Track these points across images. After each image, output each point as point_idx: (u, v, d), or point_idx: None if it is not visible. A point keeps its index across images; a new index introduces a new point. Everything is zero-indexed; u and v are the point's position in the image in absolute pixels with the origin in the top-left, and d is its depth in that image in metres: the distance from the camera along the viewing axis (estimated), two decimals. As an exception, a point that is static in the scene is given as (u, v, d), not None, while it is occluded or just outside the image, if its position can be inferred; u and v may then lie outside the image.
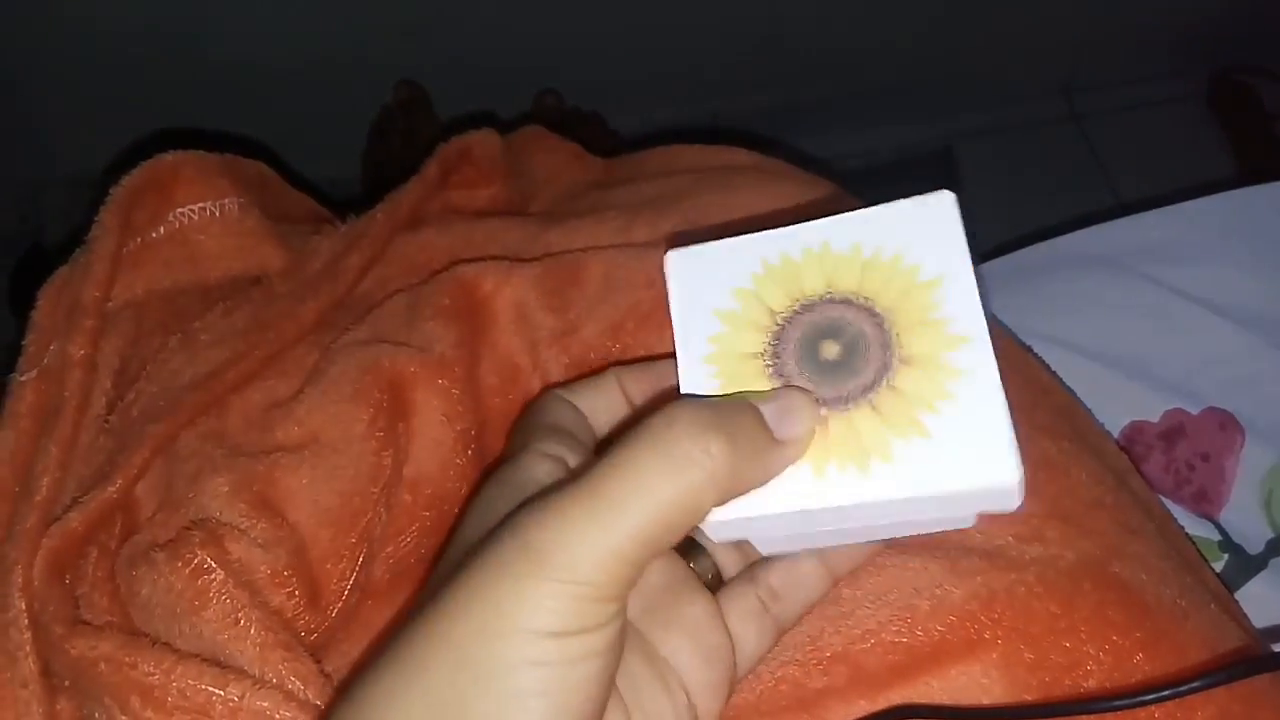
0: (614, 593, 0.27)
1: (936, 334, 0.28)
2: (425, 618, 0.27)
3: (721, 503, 0.28)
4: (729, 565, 0.36)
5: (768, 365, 0.29)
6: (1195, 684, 0.29)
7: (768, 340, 0.30)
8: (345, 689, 0.29)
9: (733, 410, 0.28)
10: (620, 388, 0.37)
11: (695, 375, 0.30)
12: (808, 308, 0.30)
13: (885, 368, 0.28)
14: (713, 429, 0.27)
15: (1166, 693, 0.29)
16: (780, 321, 0.30)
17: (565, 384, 0.38)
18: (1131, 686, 0.35)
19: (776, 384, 0.29)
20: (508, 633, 0.26)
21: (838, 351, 0.29)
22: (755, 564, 0.36)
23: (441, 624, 0.27)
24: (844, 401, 0.28)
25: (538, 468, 0.33)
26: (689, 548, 0.35)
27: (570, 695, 0.26)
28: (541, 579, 0.26)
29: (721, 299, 0.31)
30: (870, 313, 0.29)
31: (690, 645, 0.32)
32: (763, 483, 0.29)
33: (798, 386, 0.29)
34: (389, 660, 0.28)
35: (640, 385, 0.37)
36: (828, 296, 0.30)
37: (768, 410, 0.29)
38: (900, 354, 0.28)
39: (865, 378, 0.28)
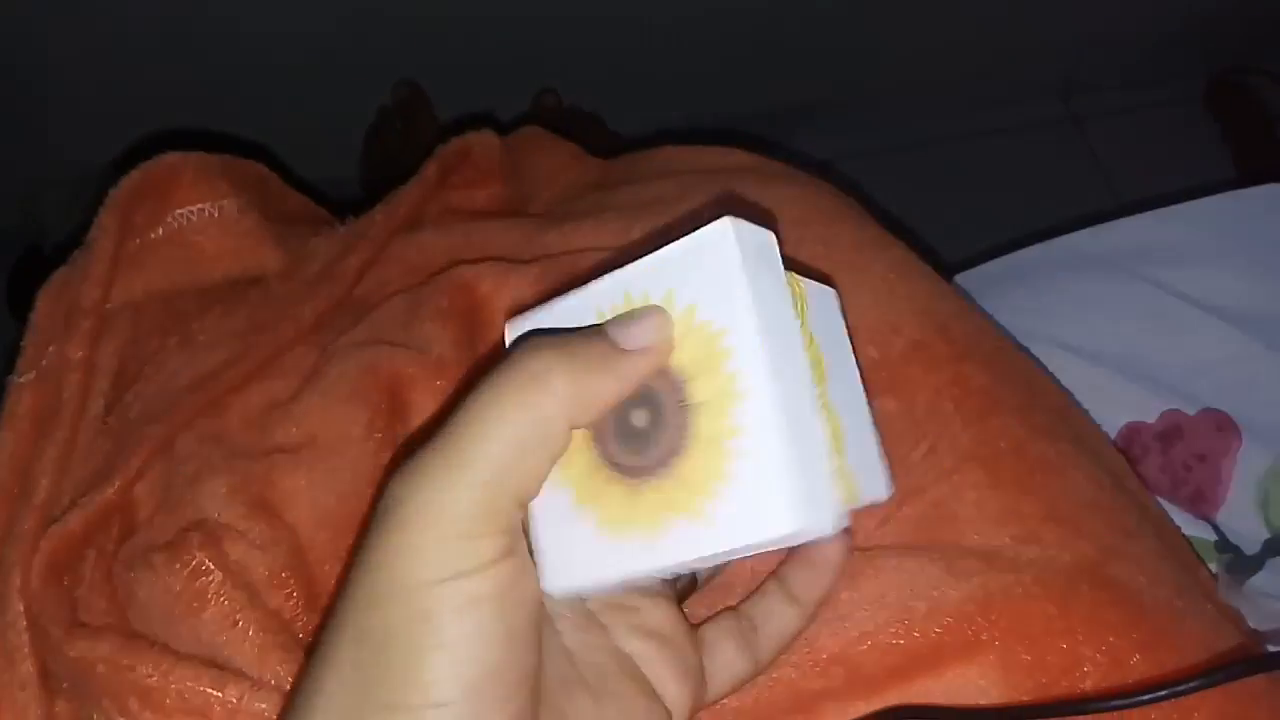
0: (489, 527, 0.26)
1: (725, 391, 0.27)
2: (334, 602, 0.27)
3: (579, 419, 0.27)
4: (702, 573, 0.36)
5: (594, 442, 0.29)
6: (1192, 684, 0.29)
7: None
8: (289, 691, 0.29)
9: (576, 332, 0.28)
10: None
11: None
12: None
13: (682, 432, 0.27)
14: (547, 345, 0.27)
15: (1163, 693, 0.29)
16: None
17: None
18: (1128, 686, 0.35)
19: (603, 464, 0.28)
20: (391, 592, 0.26)
21: (645, 419, 0.28)
22: (742, 604, 0.36)
23: (339, 602, 0.27)
24: (650, 470, 0.28)
25: None
26: None
27: (471, 645, 0.26)
28: (407, 529, 0.26)
29: None
30: (668, 375, 0.28)
31: (652, 644, 0.32)
32: (621, 393, 0.28)
33: (655, 306, 0.29)
34: (311, 652, 0.28)
35: None
36: None
37: (612, 326, 0.28)
38: (694, 418, 0.27)
39: (665, 446, 0.28)
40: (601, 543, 0.28)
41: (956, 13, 1.18)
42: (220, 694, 0.35)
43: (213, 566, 0.37)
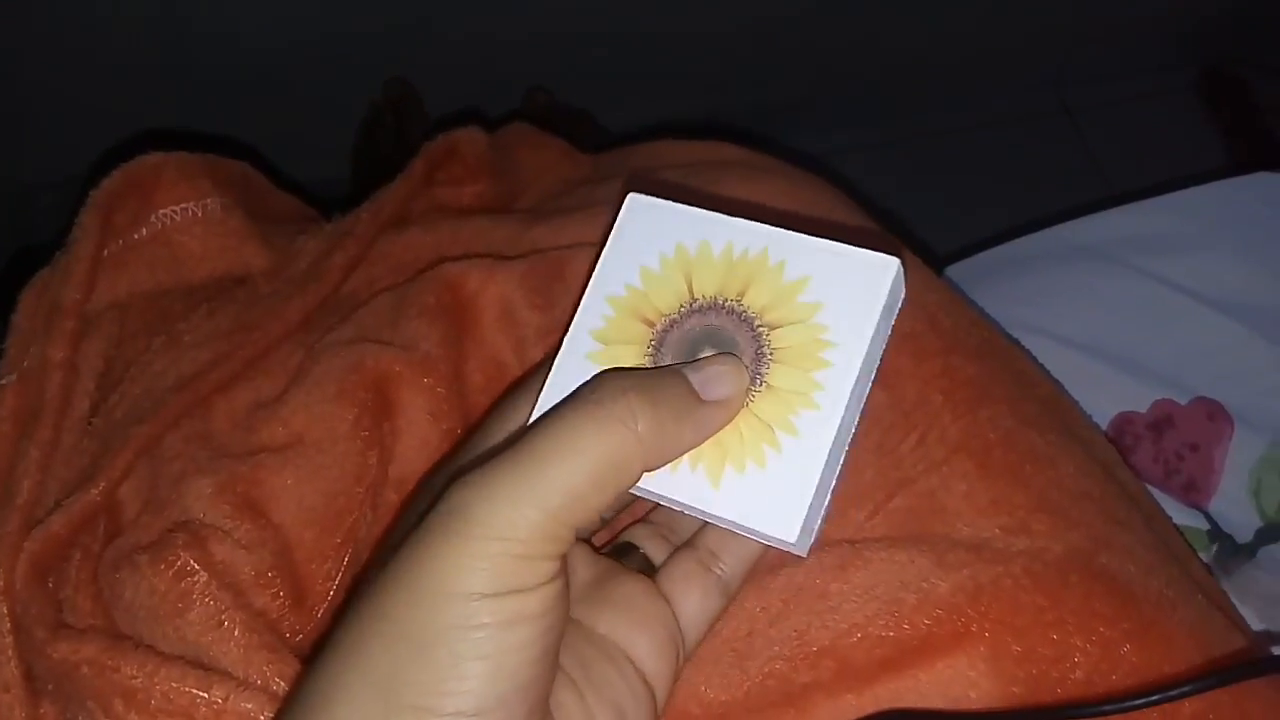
0: (544, 550, 0.27)
1: (799, 391, 0.29)
2: (362, 597, 0.27)
3: (652, 463, 0.28)
4: (659, 556, 0.36)
5: (650, 346, 0.31)
6: (1185, 688, 0.29)
7: (659, 328, 0.31)
8: (296, 684, 0.28)
9: (657, 374, 0.29)
10: None
11: (581, 330, 0.31)
12: (705, 308, 0.31)
13: (757, 343, 0.30)
14: (636, 390, 0.28)
15: (1155, 697, 0.29)
16: (671, 320, 0.31)
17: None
18: (1119, 690, 0.35)
19: (647, 361, 0.30)
20: (441, 598, 0.26)
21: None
22: (694, 535, 0.36)
23: (376, 600, 0.27)
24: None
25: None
26: (620, 551, 0.36)
27: (509, 658, 0.26)
28: (470, 539, 0.26)
29: (650, 259, 0.31)
30: (759, 342, 0.30)
31: (626, 617, 0.32)
32: (694, 441, 0.29)
33: (728, 354, 0.30)
34: (331, 646, 0.27)
35: None
36: (734, 305, 0.31)
37: (694, 375, 0.30)
38: (760, 394, 0.29)
39: (749, 360, 0.30)
40: (775, 465, 0.29)
41: (949, 4, 1.18)
42: (206, 694, 0.35)
43: (198, 567, 0.37)
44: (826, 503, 0.30)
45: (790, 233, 0.31)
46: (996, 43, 1.25)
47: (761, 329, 0.30)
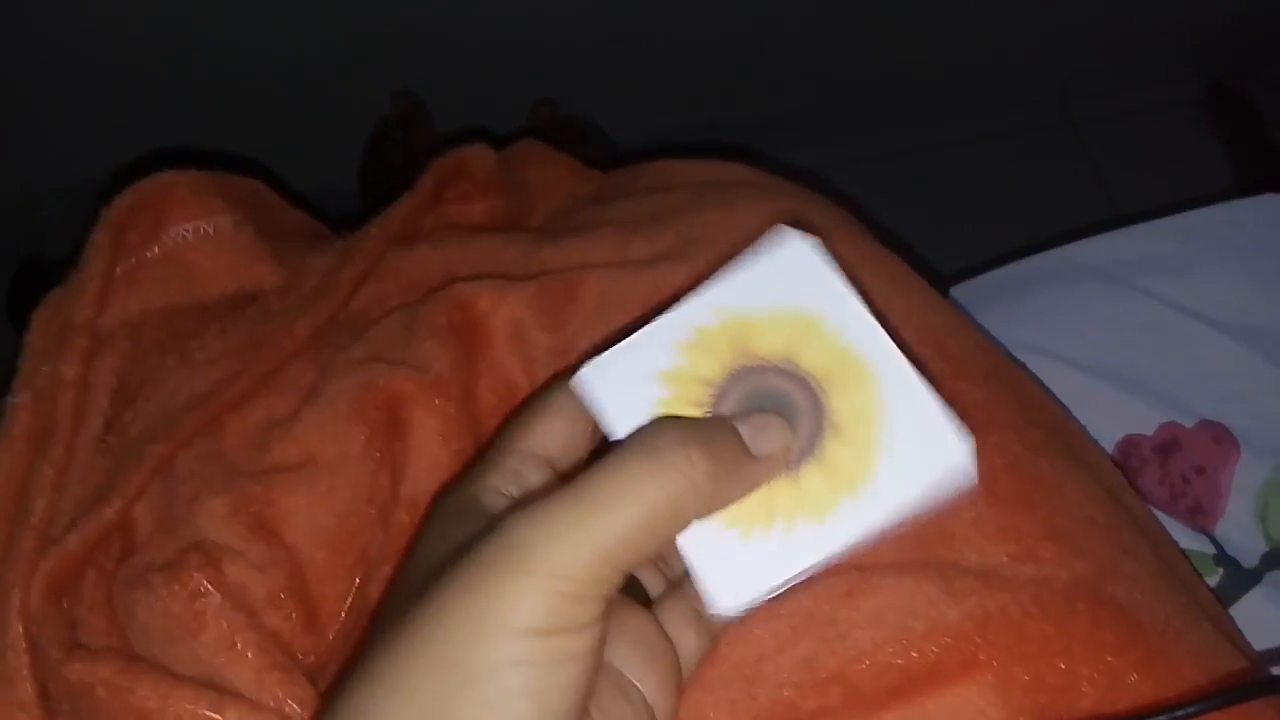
0: (596, 592, 0.27)
1: (856, 375, 0.30)
2: (406, 625, 0.27)
3: (702, 513, 0.29)
4: (653, 586, 0.36)
5: (718, 385, 0.30)
6: (1191, 708, 0.29)
7: (735, 371, 0.31)
8: (327, 710, 0.29)
9: (712, 425, 0.30)
10: None
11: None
12: (734, 380, 0.31)
13: (820, 417, 0.30)
14: (695, 439, 0.28)
15: (1162, 717, 0.29)
16: (712, 396, 0.31)
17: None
18: (1124, 710, 0.35)
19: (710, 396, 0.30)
20: (493, 631, 0.26)
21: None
22: (679, 580, 0.36)
23: (424, 629, 0.27)
24: (797, 461, 0.30)
25: (493, 502, 0.32)
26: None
27: (554, 696, 0.26)
28: (525, 574, 0.26)
29: (650, 389, 0.31)
30: (788, 373, 0.30)
31: (638, 651, 0.32)
32: (739, 496, 0.30)
33: (776, 416, 0.30)
34: (370, 672, 0.27)
35: None
36: (742, 369, 0.31)
37: (743, 429, 0.30)
38: (831, 403, 0.30)
39: (805, 435, 0.30)
40: (770, 544, 0.29)
41: (951, 16, 1.18)
42: (219, 716, 0.35)
43: (211, 588, 0.38)
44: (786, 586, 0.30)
45: (722, 283, 0.31)
46: (1000, 55, 1.26)
47: (787, 366, 0.30)
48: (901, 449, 0.29)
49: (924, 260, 0.59)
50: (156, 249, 0.50)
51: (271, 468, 0.42)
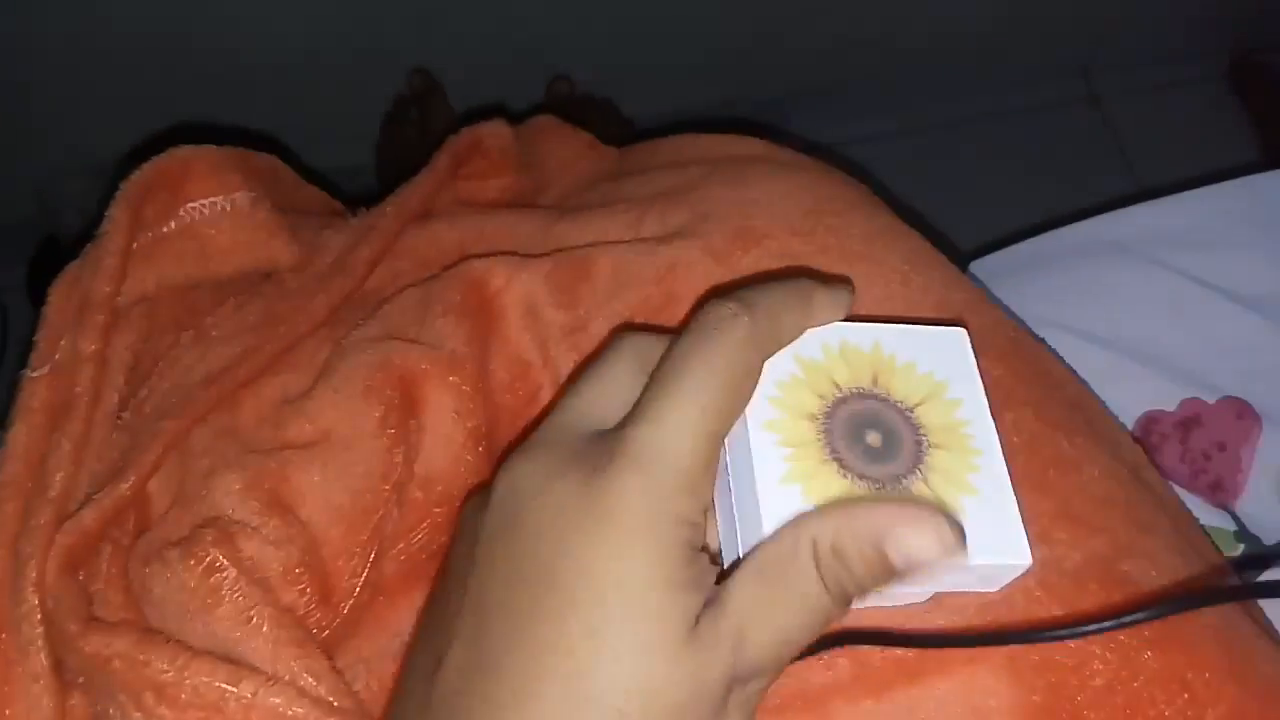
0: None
1: (959, 439, 0.32)
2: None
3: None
4: None
5: (821, 433, 0.32)
6: (1139, 615, 0.30)
7: (821, 416, 0.32)
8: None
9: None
10: (809, 315, 0.34)
11: (762, 442, 0.32)
12: (850, 398, 0.33)
13: (918, 461, 0.32)
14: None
15: (1109, 623, 0.30)
16: (830, 405, 0.33)
17: (756, 302, 0.32)
18: (1073, 617, 0.36)
19: (827, 453, 0.32)
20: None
21: (879, 440, 0.32)
22: None
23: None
24: (884, 484, 0.31)
25: (698, 538, 0.31)
26: None
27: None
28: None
29: (787, 366, 0.33)
30: (904, 412, 0.33)
31: None
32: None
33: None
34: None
35: (823, 317, 0.34)
36: (867, 392, 0.33)
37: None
38: (930, 453, 0.32)
39: (900, 466, 0.32)
40: None
41: (975, -7, 1.17)
42: (235, 689, 0.36)
43: (226, 563, 0.38)
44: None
45: (884, 324, 0.34)
46: (1022, 28, 1.24)
47: (906, 409, 0.33)
48: (974, 523, 0.30)
49: (943, 236, 0.59)
50: (173, 224, 0.50)
51: (286, 444, 0.42)
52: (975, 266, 0.68)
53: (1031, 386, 0.44)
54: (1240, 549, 0.55)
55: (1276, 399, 0.58)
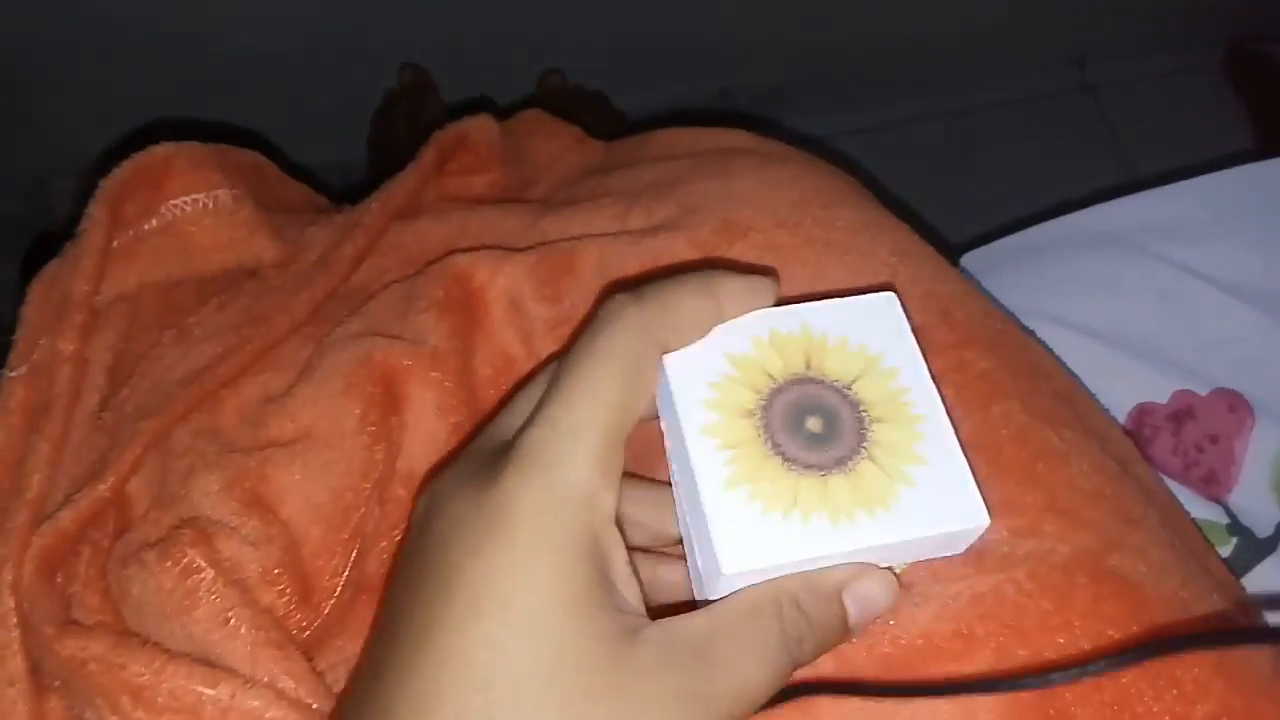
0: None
1: (900, 409, 0.32)
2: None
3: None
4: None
5: (760, 428, 0.31)
6: (1100, 664, 0.29)
7: (759, 410, 0.32)
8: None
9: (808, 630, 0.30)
10: (715, 311, 0.32)
11: (701, 448, 0.31)
12: (785, 386, 0.32)
13: (861, 439, 0.31)
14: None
15: (1074, 671, 0.29)
16: (766, 398, 0.32)
17: (650, 296, 0.31)
18: (1038, 666, 0.35)
19: (768, 447, 0.31)
20: None
21: (820, 425, 0.32)
22: None
23: None
24: (828, 467, 0.31)
25: (607, 540, 0.29)
26: None
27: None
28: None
29: (718, 364, 0.33)
30: (841, 391, 0.32)
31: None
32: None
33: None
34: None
35: (736, 308, 0.33)
36: (802, 377, 0.32)
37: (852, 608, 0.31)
38: (875, 430, 0.32)
39: (844, 448, 0.31)
40: (785, 526, 0.30)
41: (968, -18, 1.16)
42: (212, 692, 0.35)
43: (204, 564, 0.37)
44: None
45: (810, 304, 0.34)
46: (1015, 18, 1.23)
47: (843, 387, 0.32)
48: (926, 492, 0.30)
49: (934, 228, 0.58)
50: (154, 222, 0.50)
51: (267, 443, 0.42)
52: (967, 259, 0.68)
53: (1020, 379, 0.44)
54: (1233, 542, 0.55)
55: (1269, 390, 0.58)
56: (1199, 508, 0.55)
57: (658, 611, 0.29)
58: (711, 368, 0.32)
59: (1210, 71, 1.31)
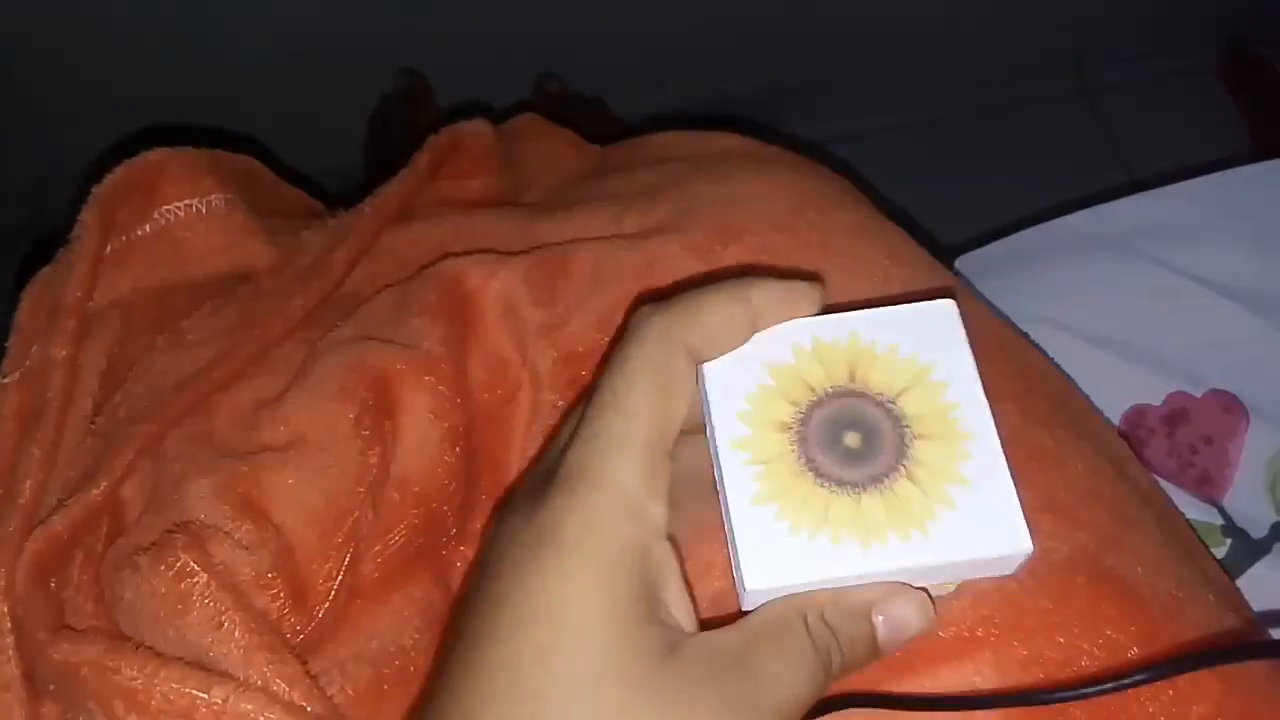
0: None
1: (946, 425, 0.31)
2: None
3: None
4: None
5: (794, 442, 0.30)
6: (1138, 677, 0.29)
7: (795, 423, 0.31)
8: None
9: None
10: (749, 319, 0.31)
11: (731, 462, 0.31)
12: (827, 398, 0.31)
13: (901, 456, 0.30)
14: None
15: (1109, 685, 0.29)
16: (804, 410, 0.31)
17: (680, 304, 0.31)
18: (1073, 680, 0.35)
19: (802, 463, 0.30)
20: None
21: (859, 440, 0.30)
22: None
23: None
24: (864, 485, 0.30)
25: (656, 554, 0.28)
26: None
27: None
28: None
29: (758, 374, 0.32)
30: (885, 405, 0.31)
31: None
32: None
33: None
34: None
35: (772, 314, 0.32)
36: (844, 389, 0.31)
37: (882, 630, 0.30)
38: (917, 447, 0.30)
39: (882, 465, 0.30)
40: (811, 545, 0.29)
41: (962, -16, 1.16)
42: (206, 695, 0.35)
43: (197, 568, 0.37)
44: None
45: (861, 311, 0.32)
46: (1011, 22, 1.24)
47: (887, 401, 0.31)
48: (967, 514, 0.29)
49: (929, 232, 0.58)
50: (147, 227, 0.50)
51: (260, 447, 0.42)
52: (962, 261, 0.68)
53: (1015, 381, 0.44)
54: (1227, 544, 0.55)
55: (1264, 391, 0.58)
56: (1193, 509, 0.55)
57: (716, 623, 0.29)
58: (749, 378, 0.31)
59: (1205, 75, 1.31)
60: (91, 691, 0.36)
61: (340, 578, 0.41)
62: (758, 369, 0.31)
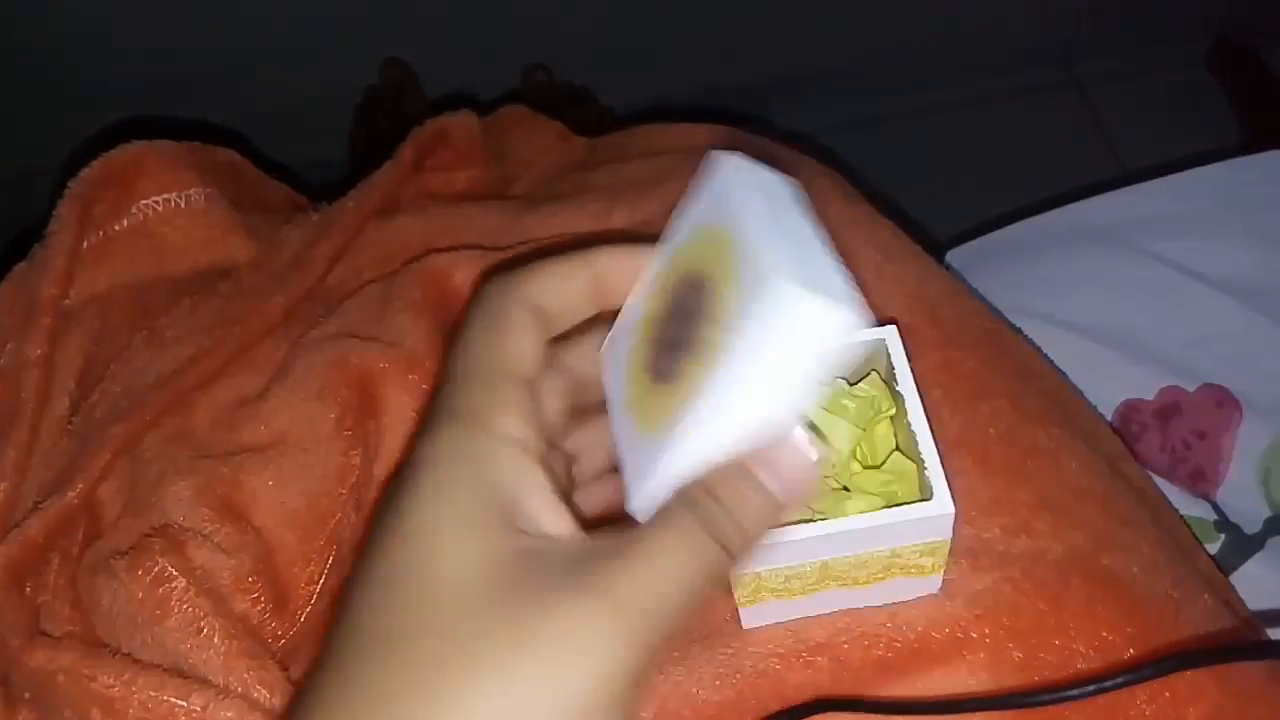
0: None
1: (736, 272, 0.28)
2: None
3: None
4: None
5: (645, 366, 0.30)
6: (1119, 679, 0.29)
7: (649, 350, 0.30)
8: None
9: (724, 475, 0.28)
10: (592, 278, 0.31)
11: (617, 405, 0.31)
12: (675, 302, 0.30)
13: (715, 327, 0.28)
14: (728, 525, 0.27)
15: (1090, 688, 0.29)
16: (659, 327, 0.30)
17: (522, 267, 0.31)
18: (1057, 682, 0.34)
19: (645, 372, 0.30)
20: None
21: (682, 328, 0.29)
22: None
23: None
24: (678, 372, 0.29)
25: (506, 468, 0.28)
26: None
27: None
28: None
29: (629, 339, 0.31)
30: (696, 284, 0.29)
31: None
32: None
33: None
34: None
35: (617, 273, 0.32)
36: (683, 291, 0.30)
37: (770, 477, 0.28)
38: (717, 299, 0.28)
39: (699, 343, 0.28)
40: (664, 445, 0.28)
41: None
42: (185, 703, 0.34)
43: (175, 573, 0.36)
44: None
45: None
46: (1002, 13, 1.23)
47: (708, 320, 0.29)
48: (766, 311, 0.26)
49: (920, 226, 0.58)
50: (125, 222, 0.49)
51: (240, 448, 0.41)
52: (953, 254, 0.67)
53: (1008, 378, 0.43)
54: (1220, 539, 0.54)
55: (1257, 386, 0.57)
56: (1187, 504, 0.55)
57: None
58: (624, 345, 0.31)
59: (1196, 67, 1.30)
60: (68, 699, 0.35)
61: (323, 581, 0.40)
62: (630, 335, 0.31)
